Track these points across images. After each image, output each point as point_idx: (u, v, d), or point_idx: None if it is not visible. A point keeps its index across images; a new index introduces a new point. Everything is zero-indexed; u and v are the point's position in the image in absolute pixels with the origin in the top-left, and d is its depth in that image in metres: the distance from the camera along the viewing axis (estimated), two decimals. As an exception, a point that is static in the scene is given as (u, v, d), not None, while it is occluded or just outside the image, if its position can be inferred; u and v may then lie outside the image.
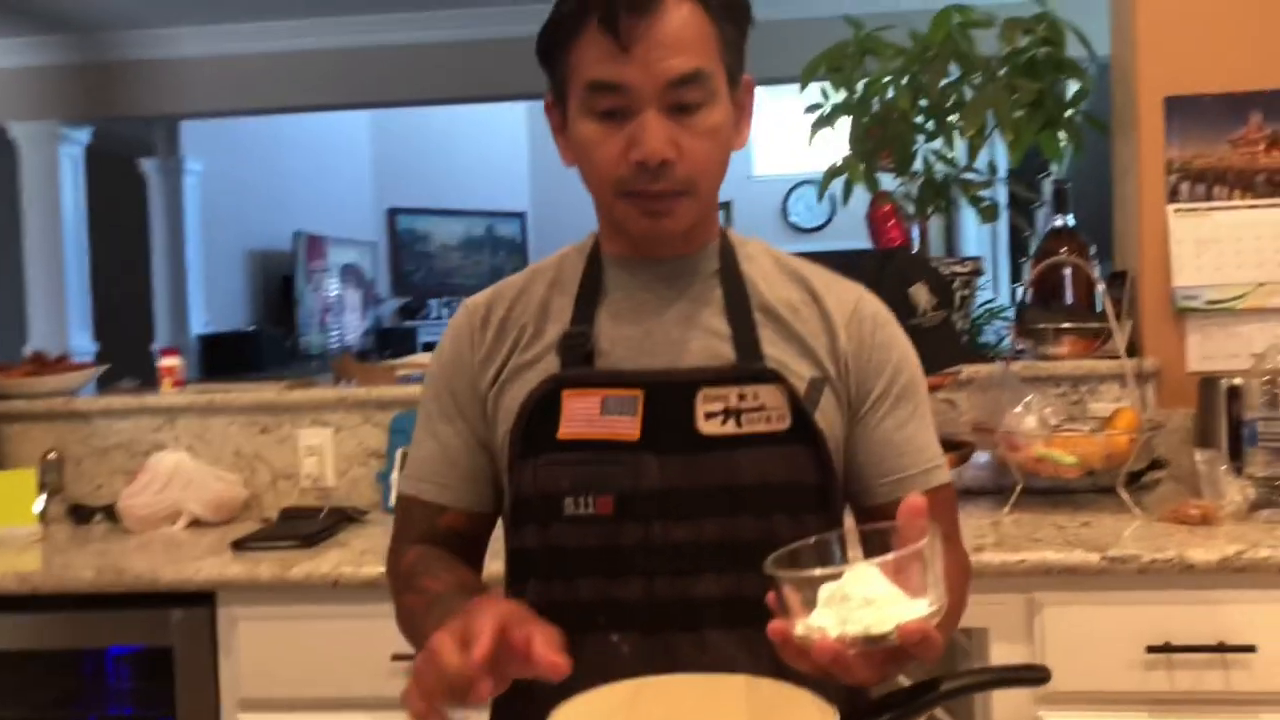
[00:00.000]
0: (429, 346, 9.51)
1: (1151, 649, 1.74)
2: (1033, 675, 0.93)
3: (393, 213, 10.09)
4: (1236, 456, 2.03)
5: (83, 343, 6.79)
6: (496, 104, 8.75)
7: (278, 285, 8.57)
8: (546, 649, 0.90)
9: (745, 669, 1.00)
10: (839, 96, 2.46)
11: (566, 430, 1.15)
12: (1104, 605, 1.77)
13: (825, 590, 0.86)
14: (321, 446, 2.46)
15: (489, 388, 1.22)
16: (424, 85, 6.73)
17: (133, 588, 1.92)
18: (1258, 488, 1.93)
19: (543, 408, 1.16)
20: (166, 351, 2.61)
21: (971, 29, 2.37)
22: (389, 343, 9.41)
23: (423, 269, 10.40)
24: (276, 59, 6.65)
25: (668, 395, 1.15)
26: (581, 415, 1.15)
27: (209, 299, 7.75)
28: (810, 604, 0.86)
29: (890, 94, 2.37)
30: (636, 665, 1.05)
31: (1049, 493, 2.16)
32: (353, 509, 2.30)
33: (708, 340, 1.18)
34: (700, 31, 1.11)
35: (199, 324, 7.63)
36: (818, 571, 0.87)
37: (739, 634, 1.12)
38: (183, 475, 2.31)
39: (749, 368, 1.16)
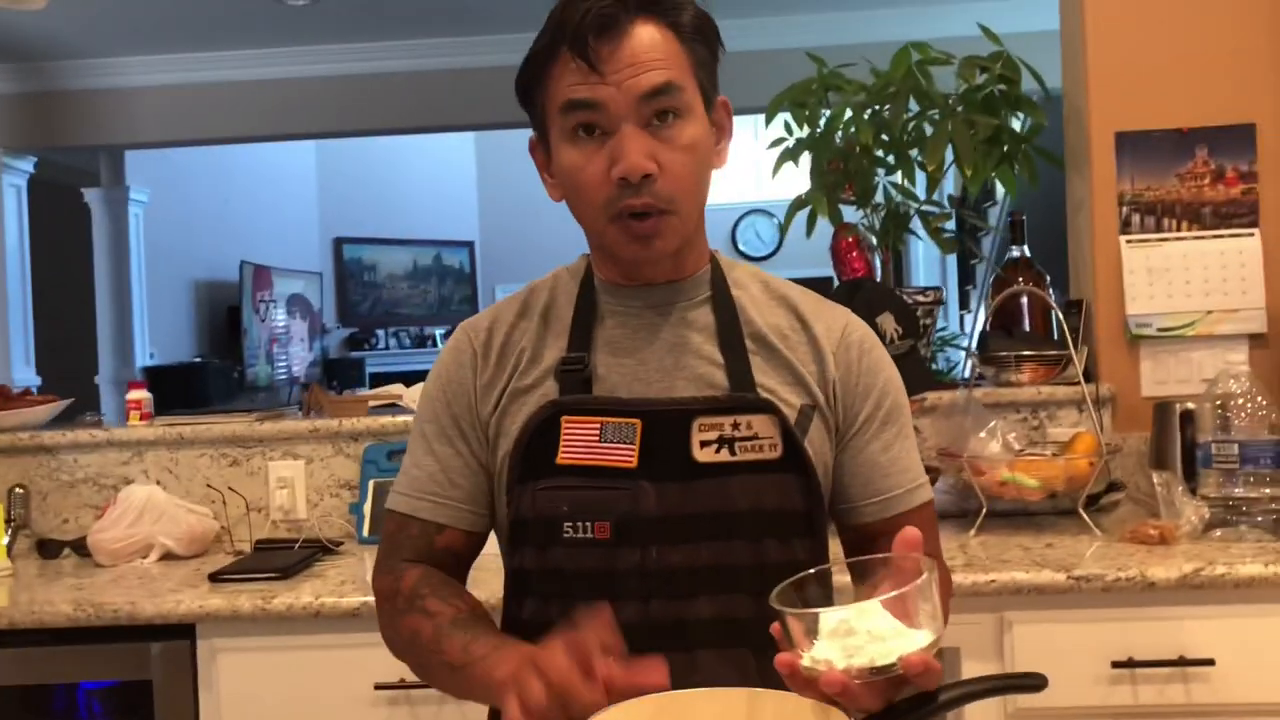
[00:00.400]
0: (377, 377, 9.44)
1: (1116, 664, 1.80)
2: (1029, 682, 0.97)
3: (339, 242, 10.04)
4: (1191, 478, 2.10)
5: (25, 375, 6.68)
6: (444, 133, 8.77)
7: (224, 316, 8.49)
8: (647, 673, 0.95)
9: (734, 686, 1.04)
10: (803, 132, 2.52)
11: (566, 456, 1.18)
12: (1070, 623, 1.82)
13: (827, 621, 0.90)
14: (293, 478, 2.46)
15: (491, 412, 1.24)
16: (371, 116, 6.74)
17: (113, 621, 1.91)
18: (1212, 508, 1.99)
19: (542, 432, 1.19)
20: (134, 385, 2.60)
21: (930, 66, 2.44)
22: (336, 373, 9.34)
23: (369, 299, 10.36)
24: (222, 89, 6.62)
25: (664, 424, 1.18)
26: (580, 442, 1.18)
27: (154, 330, 7.66)
28: (812, 633, 0.91)
29: (852, 129, 2.43)
30: None
31: (1012, 515, 2.22)
32: (328, 540, 2.31)
33: (701, 368, 1.22)
34: (669, 49, 1.15)
35: (144, 356, 7.53)
36: (826, 610, 0.92)
37: (729, 654, 1.16)
38: (154, 508, 2.30)
39: (742, 398, 1.19)
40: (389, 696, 1.89)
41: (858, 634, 0.88)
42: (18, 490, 2.45)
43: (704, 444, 1.17)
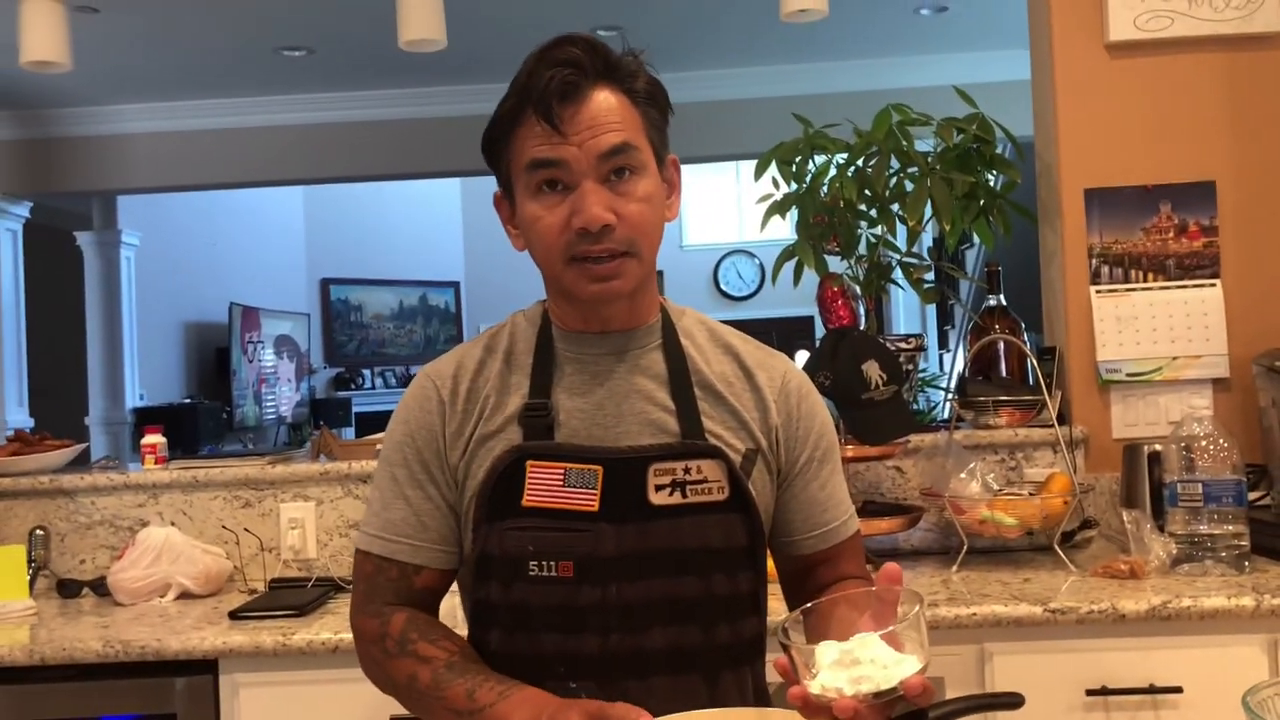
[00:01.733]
0: (364, 417, 9.47)
1: (1090, 692, 1.91)
2: (1008, 700, 1.09)
3: (326, 283, 10.14)
4: (1159, 515, 2.20)
5: (18, 417, 6.73)
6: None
7: (213, 357, 8.56)
8: (635, 714, 1.07)
9: (685, 709, 1.15)
10: (790, 187, 2.66)
11: (531, 499, 1.26)
12: (1047, 653, 1.94)
13: (827, 653, 1.03)
14: (304, 519, 2.56)
15: (460, 457, 1.31)
16: (360, 162, 6.87)
17: (140, 658, 2.00)
18: (1179, 544, 2.10)
19: (508, 476, 1.27)
20: (149, 429, 2.69)
21: (910, 126, 2.58)
22: (323, 413, 9.41)
23: (356, 339, 10.45)
24: (214, 135, 6.74)
25: (623, 470, 1.27)
26: (544, 486, 1.26)
27: (144, 371, 7.73)
28: (810, 665, 1.03)
29: (837, 185, 2.57)
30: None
31: (991, 552, 2.34)
32: (340, 579, 2.40)
33: (654, 415, 1.31)
34: (625, 114, 1.26)
35: (134, 397, 7.60)
36: (819, 646, 1.04)
37: (681, 680, 1.27)
38: (171, 549, 2.39)
39: (694, 445, 1.29)
40: (403, 728, 1.99)
41: (863, 663, 1.01)
42: (38, 532, 2.54)
43: (659, 487, 1.27)
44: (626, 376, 1.32)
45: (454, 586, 1.40)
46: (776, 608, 1.45)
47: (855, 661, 1.00)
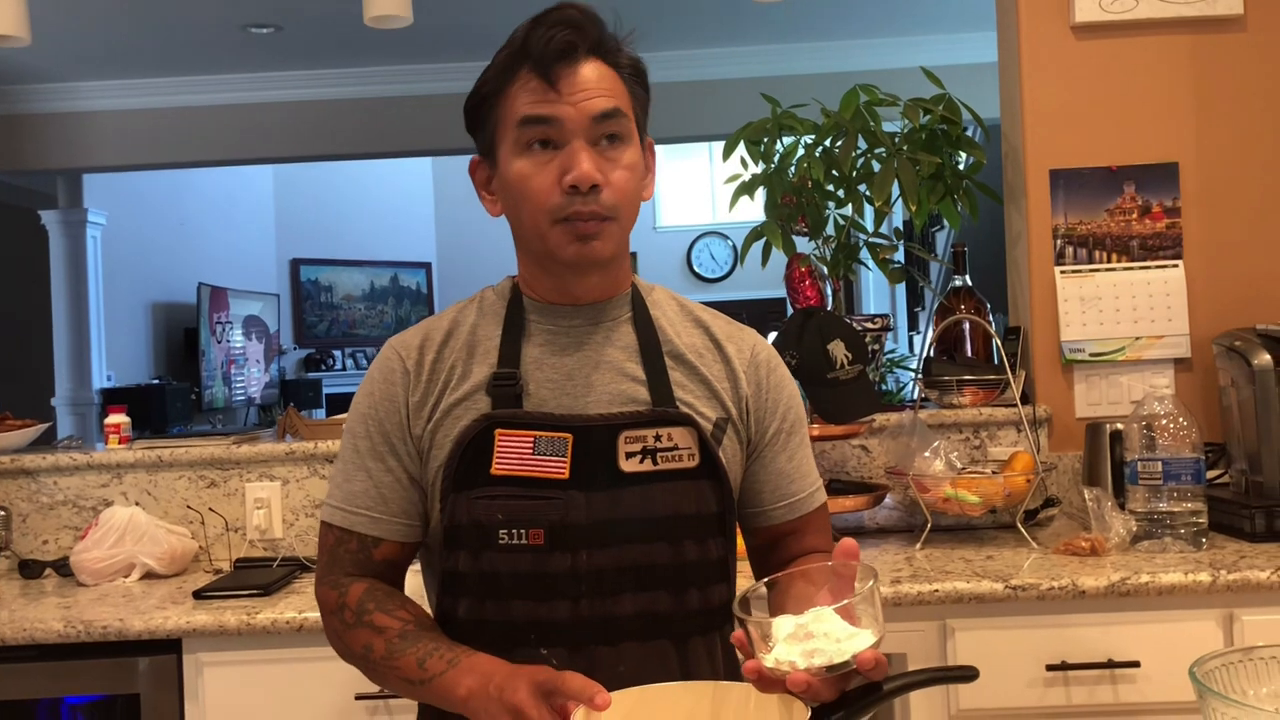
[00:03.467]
0: (335, 398, 9.40)
1: (1050, 667, 1.94)
2: (963, 674, 1.10)
3: (296, 263, 10.07)
4: (1120, 493, 2.24)
5: (-18, 398, 6.66)
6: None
7: (181, 338, 8.49)
8: (592, 691, 1.06)
9: (656, 675, 1.17)
10: (758, 167, 2.66)
11: (500, 467, 1.26)
12: (1008, 629, 1.96)
13: (782, 627, 1.03)
14: (269, 499, 2.55)
15: (424, 427, 1.30)
16: (330, 141, 6.81)
17: (102, 638, 1.99)
18: (1139, 521, 2.13)
19: (476, 444, 1.26)
20: (113, 409, 2.67)
21: (877, 107, 2.59)
22: (293, 395, 9.36)
23: (326, 320, 10.38)
24: (182, 114, 6.66)
25: (594, 437, 1.27)
26: (514, 454, 1.26)
27: (111, 352, 7.65)
28: (767, 638, 1.04)
29: (805, 165, 2.57)
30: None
31: (955, 529, 2.36)
32: (305, 558, 2.40)
33: (625, 384, 1.31)
34: (615, 84, 1.27)
35: (101, 378, 7.53)
36: (776, 619, 1.04)
37: (651, 645, 1.28)
38: (135, 529, 2.38)
39: (664, 412, 1.30)
40: (369, 706, 1.99)
41: (816, 637, 1.01)
42: (0, 513, 2.51)
43: (629, 455, 1.27)
44: (597, 347, 1.32)
45: (416, 566, 1.40)
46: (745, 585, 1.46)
47: (809, 635, 1.01)
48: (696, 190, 10.55)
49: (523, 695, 1.09)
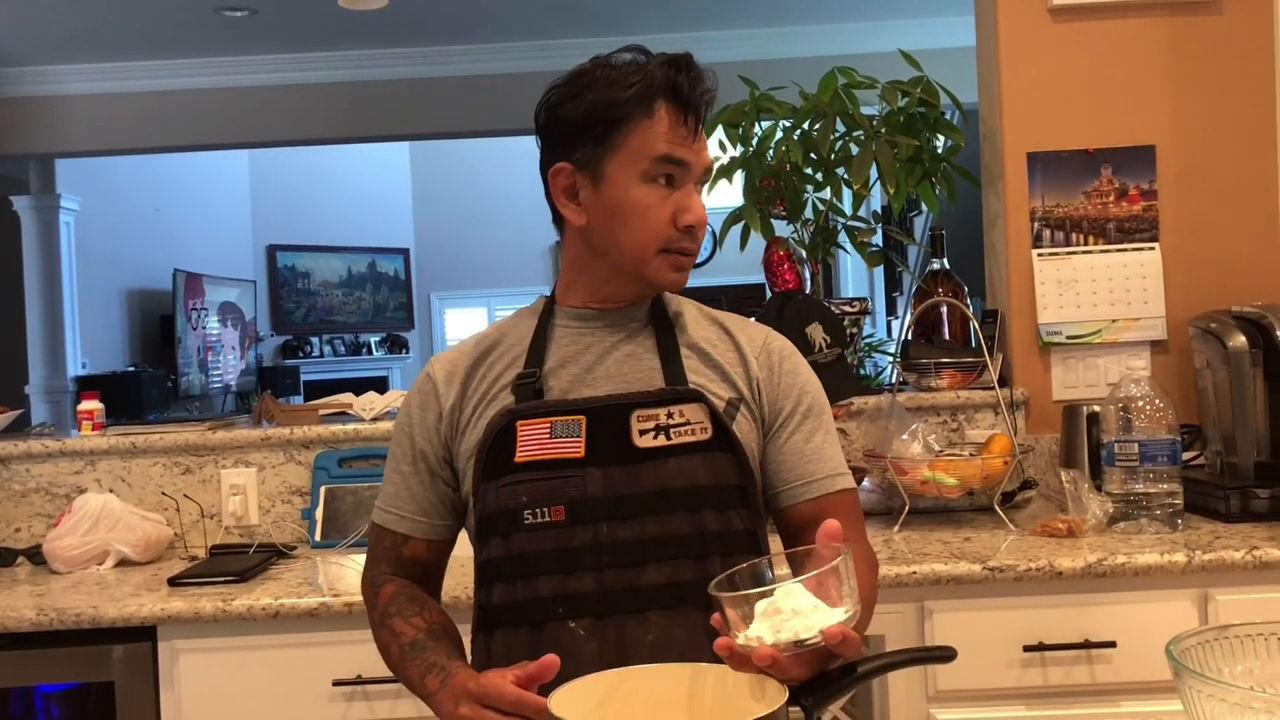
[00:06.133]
0: (313, 385, 9.34)
1: (1027, 648, 1.94)
2: (941, 654, 1.09)
3: (272, 249, 10.00)
4: (1096, 475, 2.25)
5: (-46, 386, 6.60)
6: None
7: (157, 325, 8.42)
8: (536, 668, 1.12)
9: (683, 644, 1.23)
10: (736, 150, 2.65)
11: (522, 454, 1.34)
12: (985, 611, 1.96)
13: (760, 605, 1.02)
14: (245, 485, 2.53)
15: (458, 433, 1.40)
16: (306, 126, 6.76)
17: (75, 625, 1.97)
18: (1115, 502, 2.14)
19: (500, 438, 1.35)
20: (86, 395, 2.65)
21: (855, 89, 2.58)
22: (271, 382, 9.30)
23: (304, 306, 10.32)
24: (156, 98, 6.60)
25: (607, 417, 1.34)
26: (534, 441, 1.34)
27: (86, 340, 7.59)
28: (748, 618, 1.02)
29: (783, 148, 2.57)
30: (593, 646, 1.26)
31: (933, 512, 2.37)
32: (282, 545, 2.38)
33: (641, 372, 1.38)
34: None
35: (76, 365, 7.46)
36: (751, 591, 1.03)
37: (677, 613, 1.31)
38: (109, 516, 2.36)
39: (674, 390, 1.36)
40: (346, 692, 1.98)
41: (784, 612, 1.00)
42: (-29, 500, 2.49)
43: (642, 432, 1.34)
44: (615, 344, 1.40)
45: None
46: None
47: (777, 611, 0.99)
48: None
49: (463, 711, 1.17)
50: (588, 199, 1.37)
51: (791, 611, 1.00)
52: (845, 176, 2.57)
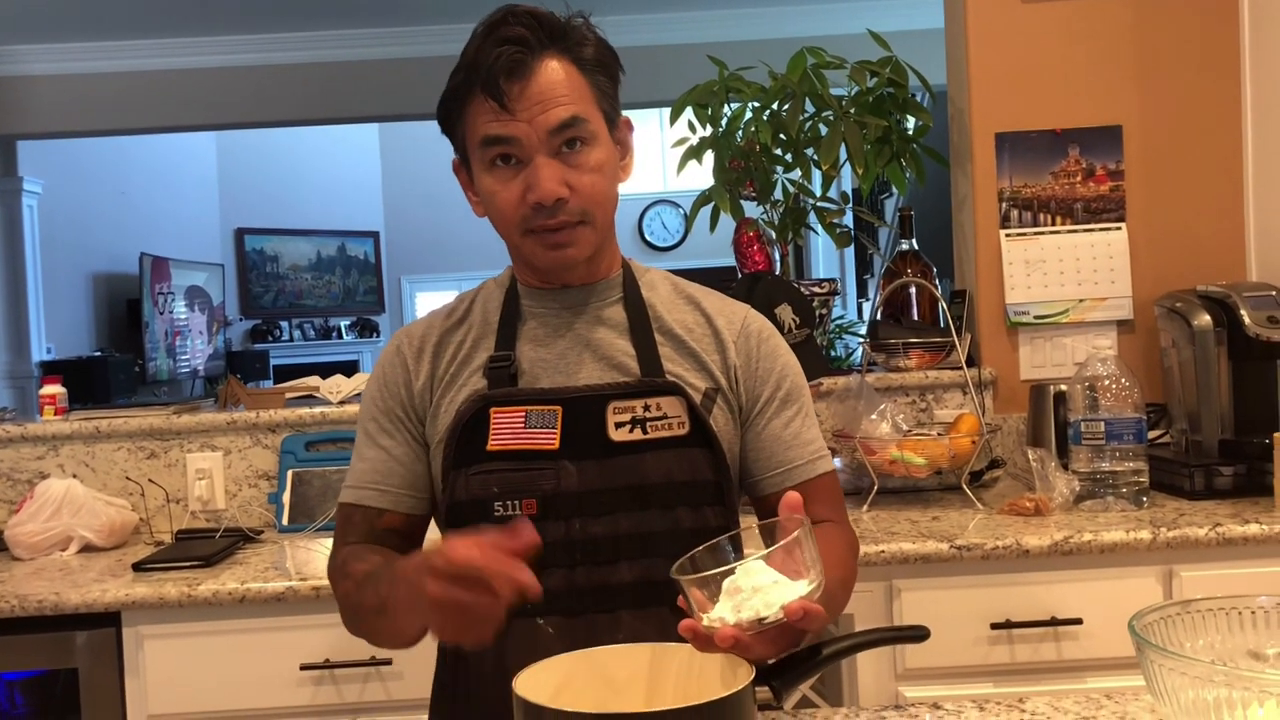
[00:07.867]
0: (282, 370, 9.26)
1: (995, 625, 1.95)
2: (914, 634, 1.09)
3: (240, 233, 9.90)
4: (1063, 454, 2.26)
5: (-83, 372, 6.51)
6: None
7: (123, 309, 8.32)
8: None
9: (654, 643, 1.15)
10: (706, 131, 2.64)
11: (495, 443, 1.30)
12: (953, 589, 1.97)
13: (726, 584, 1.00)
14: (211, 470, 2.51)
15: (428, 409, 1.36)
16: (273, 107, 6.69)
17: (37, 612, 1.95)
18: (1082, 481, 2.15)
19: (472, 424, 1.31)
20: (48, 379, 2.61)
21: (824, 70, 2.58)
22: (240, 366, 9.22)
23: (273, 290, 10.23)
24: (120, 79, 6.50)
25: (582, 409, 1.30)
26: (507, 429, 1.30)
27: (51, 325, 7.49)
28: (715, 598, 1.01)
29: (753, 129, 2.56)
30: (561, 644, 1.19)
31: (901, 491, 2.37)
32: (248, 529, 2.36)
33: (614, 359, 1.34)
34: (573, 84, 1.27)
35: (41, 350, 7.37)
36: (712, 572, 1.01)
37: (649, 614, 1.28)
38: (73, 502, 2.33)
39: (651, 382, 1.32)
40: (314, 676, 1.97)
41: (744, 590, 0.98)
42: (-69, 486, 2.45)
43: (618, 425, 1.30)
44: (588, 327, 1.36)
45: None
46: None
47: (738, 590, 0.98)
48: (648, 159, 10.49)
49: (432, 587, 1.02)
50: (475, 191, 1.34)
51: (752, 589, 0.98)
52: (814, 157, 2.57)
